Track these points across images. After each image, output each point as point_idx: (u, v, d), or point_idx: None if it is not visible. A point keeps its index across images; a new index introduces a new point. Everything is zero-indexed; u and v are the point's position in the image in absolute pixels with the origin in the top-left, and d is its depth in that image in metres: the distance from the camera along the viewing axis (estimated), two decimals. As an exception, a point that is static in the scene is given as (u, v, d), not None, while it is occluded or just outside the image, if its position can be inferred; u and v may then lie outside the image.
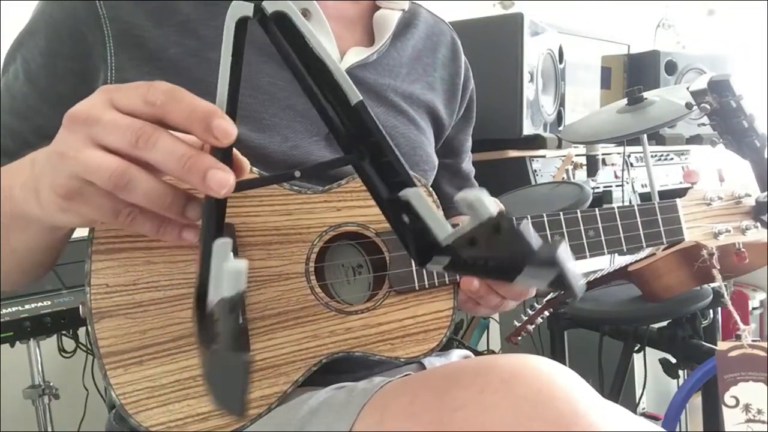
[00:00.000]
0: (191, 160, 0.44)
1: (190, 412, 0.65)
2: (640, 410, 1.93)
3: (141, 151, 0.45)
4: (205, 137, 0.44)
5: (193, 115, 0.44)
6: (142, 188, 0.46)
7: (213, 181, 0.43)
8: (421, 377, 0.62)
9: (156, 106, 0.45)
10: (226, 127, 0.44)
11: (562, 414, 0.51)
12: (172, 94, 0.45)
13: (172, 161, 0.44)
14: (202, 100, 0.44)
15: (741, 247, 0.84)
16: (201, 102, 0.44)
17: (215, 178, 0.43)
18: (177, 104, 0.44)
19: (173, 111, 0.44)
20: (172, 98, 0.45)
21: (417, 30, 0.91)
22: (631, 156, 2.02)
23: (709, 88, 1.02)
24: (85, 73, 0.70)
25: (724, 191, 0.82)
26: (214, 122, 0.43)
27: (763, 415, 1.02)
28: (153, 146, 0.44)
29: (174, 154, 0.44)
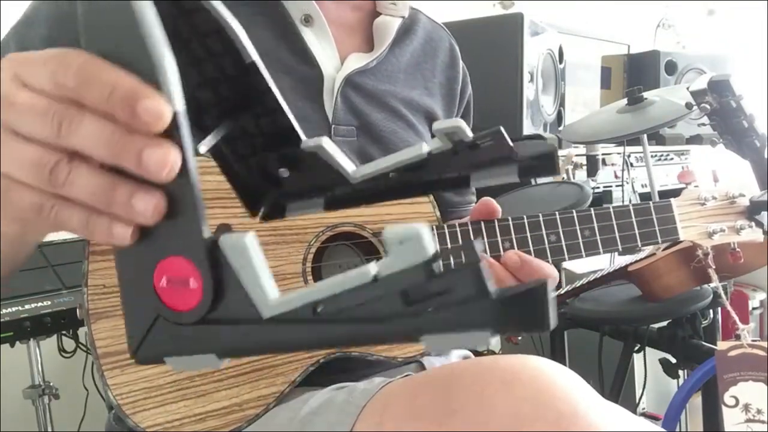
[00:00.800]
0: (121, 141, 0.35)
1: (187, 413, 0.65)
2: (640, 410, 1.92)
3: (64, 139, 0.36)
4: (133, 123, 0.35)
5: (113, 98, 0.35)
6: (81, 183, 0.37)
7: (151, 163, 0.35)
8: (422, 378, 0.62)
9: (68, 88, 0.36)
10: (156, 107, 0.34)
11: (562, 414, 0.51)
12: (84, 73, 0.36)
13: (100, 146, 0.36)
14: (123, 76, 0.35)
15: (736, 246, 0.84)
16: (121, 79, 0.35)
17: (152, 158, 0.34)
18: (91, 87, 0.35)
19: (88, 95, 0.36)
20: (84, 80, 0.36)
21: (416, 36, 0.91)
22: (631, 156, 2.02)
23: (709, 88, 1.02)
24: None
25: (718, 191, 0.82)
26: (140, 104, 0.34)
27: (763, 415, 1.02)
28: (76, 132, 0.36)
29: (101, 138, 0.36)
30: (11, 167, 0.38)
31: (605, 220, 0.75)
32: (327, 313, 0.34)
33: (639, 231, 0.76)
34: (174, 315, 0.36)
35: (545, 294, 0.33)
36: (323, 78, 0.81)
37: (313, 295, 0.34)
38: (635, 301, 1.42)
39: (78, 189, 0.37)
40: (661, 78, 2.23)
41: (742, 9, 3.03)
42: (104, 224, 0.37)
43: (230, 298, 0.35)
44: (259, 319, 0.35)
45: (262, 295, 0.35)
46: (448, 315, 0.32)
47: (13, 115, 0.37)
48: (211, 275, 0.35)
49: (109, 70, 0.35)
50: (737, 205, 0.82)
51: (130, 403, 0.64)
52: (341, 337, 0.35)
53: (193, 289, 0.35)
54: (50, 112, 0.37)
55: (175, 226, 0.36)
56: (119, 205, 0.36)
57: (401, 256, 0.33)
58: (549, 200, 1.32)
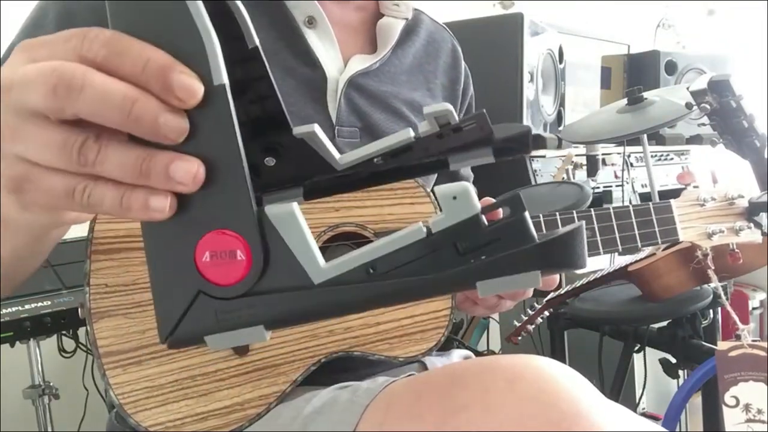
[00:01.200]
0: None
1: (189, 412, 0.65)
2: (640, 410, 1.92)
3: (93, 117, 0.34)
4: (165, 96, 0.34)
5: (148, 69, 0.33)
6: (113, 159, 0.35)
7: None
8: (425, 378, 0.62)
9: (96, 62, 0.34)
10: (190, 82, 0.33)
11: (564, 414, 0.51)
12: (116, 44, 0.34)
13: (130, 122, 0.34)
14: (154, 49, 0.34)
15: (735, 247, 0.84)
16: (154, 52, 0.34)
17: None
18: (124, 58, 0.34)
19: (120, 66, 0.34)
20: (115, 51, 0.34)
21: (418, 37, 0.92)
22: (631, 156, 2.02)
23: (709, 88, 1.02)
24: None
25: (717, 192, 0.83)
26: (173, 77, 0.33)
27: (763, 415, 1.02)
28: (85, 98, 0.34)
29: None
30: (35, 153, 0.36)
31: (605, 220, 0.75)
32: (381, 271, 0.36)
33: (639, 232, 0.76)
34: (220, 290, 0.35)
35: (582, 236, 0.36)
36: (326, 80, 0.81)
37: (367, 256, 0.36)
38: (635, 301, 1.42)
39: (110, 165, 0.35)
40: (661, 78, 2.23)
41: (742, 9, 3.03)
42: (140, 198, 0.35)
43: (278, 267, 0.35)
44: (310, 284, 0.36)
45: (312, 261, 0.35)
46: (501, 261, 0.35)
47: (31, 95, 0.35)
48: (261, 246, 0.35)
49: (140, 43, 0.34)
50: (736, 206, 0.82)
51: (131, 402, 0.64)
52: (398, 292, 0.36)
53: (240, 261, 0.35)
54: (63, 86, 0.34)
55: (219, 198, 0.35)
56: (156, 176, 0.34)
57: (454, 211, 0.35)
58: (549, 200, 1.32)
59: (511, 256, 0.35)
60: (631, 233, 0.76)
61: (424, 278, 0.36)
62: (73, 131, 0.35)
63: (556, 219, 0.74)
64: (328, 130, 0.80)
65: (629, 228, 0.76)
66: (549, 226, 0.74)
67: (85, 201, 0.36)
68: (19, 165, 0.37)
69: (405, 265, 0.36)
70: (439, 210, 0.36)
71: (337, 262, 0.36)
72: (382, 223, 0.73)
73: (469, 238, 0.36)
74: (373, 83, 0.84)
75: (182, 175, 0.34)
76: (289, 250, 0.35)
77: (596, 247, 0.75)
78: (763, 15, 2.84)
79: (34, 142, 0.36)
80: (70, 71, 0.34)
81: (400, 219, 0.74)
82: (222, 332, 0.36)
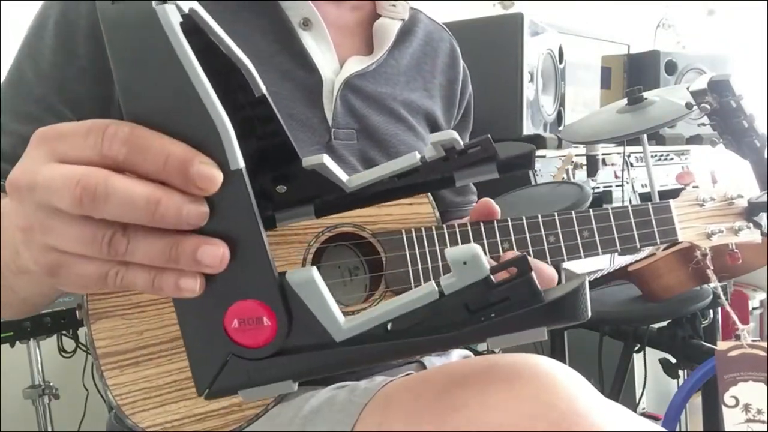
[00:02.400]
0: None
1: (187, 413, 0.65)
2: (640, 410, 1.93)
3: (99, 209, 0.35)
4: (186, 188, 0.35)
5: (169, 165, 0.35)
6: (142, 249, 0.37)
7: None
8: (423, 377, 0.62)
9: (118, 161, 0.35)
10: (209, 172, 0.35)
11: (564, 414, 0.51)
12: (135, 141, 0.35)
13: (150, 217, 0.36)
14: (172, 142, 0.35)
15: (734, 247, 0.84)
16: (173, 146, 0.35)
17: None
18: (145, 155, 0.35)
19: (142, 164, 0.35)
20: (136, 149, 0.35)
21: (416, 37, 0.91)
22: (631, 156, 2.02)
23: (709, 88, 1.02)
24: (99, 75, 0.70)
25: (716, 192, 0.83)
26: (194, 170, 0.35)
27: (763, 415, 1.02)
28: (120, 206, 0.35)
29: (148, 209, 0.35)
30: (66, 245, 0.37)
31: (604, 221, 0.75)
32: (397, 329, 0.39)
33: (638, 232, 0.76)
34: (250, 352, 0.38)
35: (586, 290, 0.41)
36: (322, 82, 0.80)
37: (384, 316, 0.39)
38: (635, 301, 1.42)
39: (140, 254, 0.36)
40: (661, 78, 2.23)
41: (742, 9, 3.03)
42: (171, 280, 0.37)
43: (302, 328, 0.39)
44: (332, 342, 0.39)
45: (333, 322, 0.39)
46: (510, 319, 0.39)
47: (57, 202, 0.36)
48: (285, 312, 0.38)
49: (159, 138, 0.35)
50: (735, 206, 0.82)
51: (129, 403, 0.64)
52: (413, 348, 0.40)
53: (267, 326, 0.38)
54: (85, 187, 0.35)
55: (243, 270, 0.37)
56: (185, 261, 0.36)
57: (464, 275, 0.39)
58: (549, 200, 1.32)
59: (520, 315, 0.39)
60: (630, 233, 0.76)
61: (438, 336, 0.39)
62: (100, 226, 0.36)
63: (554, 220, 0.74)
64: (325, 132, 0.80)
65: (628, 228, 0.76)
66: (547, 227, 0.74)
67: (119, 283, 0.38)
68: (51, 254, 0.38)
69: (419, 323, 0.39)
70: (449, 272, 0.39)
71: (356, 322, 0.39)
72: (380, 223, 0.73)
73: (479, 299, 0.39)
74: (369, 85, 0.84)
75: (209, 259, 0.36)
76: (311, 312, 0.39)
77: (595, 248, 0.74)
78: (763, 15, 2.84)
79: (63, 236, 0.37)
80: (93, 182, 0.35)
81: (398, 220, 0.74)
82: (254, 387, 0.39)
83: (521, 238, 0.73)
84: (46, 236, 0.38)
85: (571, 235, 0.74)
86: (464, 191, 1.01)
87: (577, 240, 0.74)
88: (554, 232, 0.73)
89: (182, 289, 0.37)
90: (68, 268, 0.38)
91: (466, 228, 0.73)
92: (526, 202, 1.37)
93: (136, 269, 0.38)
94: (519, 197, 1.42)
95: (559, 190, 1.37)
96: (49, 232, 0.37)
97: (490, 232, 0.73)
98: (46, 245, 0.38)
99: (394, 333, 0.39)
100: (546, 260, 0.73)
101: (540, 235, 0.73)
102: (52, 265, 0.39)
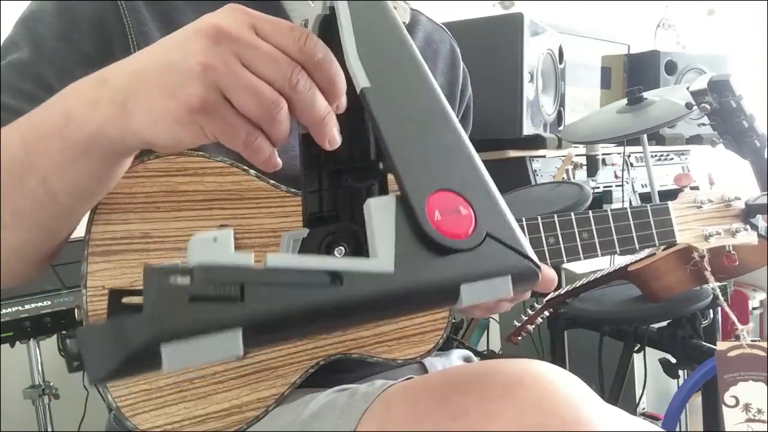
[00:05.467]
0: (327, 117, 0.47)
1: (187, 415, 0.65)
2: (640, 410, 1.92)
3: (293, 93, 0.45)
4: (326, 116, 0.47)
5: (333, 86, 0.47)
6: (283, 125, 0.46)
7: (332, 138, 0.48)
8: (423, 382, 0.62)
9: (311, 61, 0.46)
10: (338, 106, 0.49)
11: (565, 422, 0.51)
12: (328, 55, 0.46)
13: (313, 112, 0.46)
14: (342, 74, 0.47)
15: (731, 249, 0.84)
16: (342, 77, 0.47)
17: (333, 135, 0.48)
18: (328, 68, 0.46)
19: (324, 73, 0.46)
20: (327, 59, 0.46)
21: (416, 39, 0.91)
22: (631, 156, 2.02)
23: (709, 88, 1.02)
24: (102, 60, 0.70)
25: (714, 194, 0.83)
26: (330, 115, 0.47)
27: (763, 415, 1.02)
28: (305, 92, 0.46)
29: (317, 109, 0.46)
30: (252, 98, 0.45)
31: (603, 222, 0.75)
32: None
33: (636, 234, 0.76)
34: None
35: None
36: None
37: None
38: (635, 301, 1.42)
39: (284, 129, 0.47)
40: (661, 78, 2.23)
41: (742, 9, 3.03)
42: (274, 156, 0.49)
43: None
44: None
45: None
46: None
47: (253, 54, 0.45)
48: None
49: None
50: (733, 208, 0.83)
51: (129, 405, 0.64)
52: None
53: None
54: (290, 67, 0.45)
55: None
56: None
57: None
58: (549, 200, 1.32)
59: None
60: (629, 235, 0.76)
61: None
62: (282, 99, 0.46)
63: (553, 221, 0.74)
64: None
65: (627, 230, 0.76)
66: (547, 229, 0.74)
67: (251, 142, 0.47)
68: (215, 94, 0.45)
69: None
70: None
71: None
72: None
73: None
74: None
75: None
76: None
77: (594, 250, 0.75)
78: (763, 15, 2.84)
79: (240, 83, 0.45)
80: (296, 70, 0.46)
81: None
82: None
83: (521, 239, 0.73)
84: (225, 79, 0.45)
85: (570, 236, 0.74)
86: None
87: (576, 241, 0.74)
88: (554, 233, 0.73)
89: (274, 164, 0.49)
90: (221, 110, 0.46)
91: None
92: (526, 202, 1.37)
93: (264, 140, 0.47)
94: (519, 197, 1.42)
95: (559, 190, 1.38)
96: (230, 75, 0.44)
97: (490, 233, 0.72)
98: (216, 85, 0.45)
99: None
100: (546, 262, 0.73)
101: (539, 236, 0.73)
102: (209, 102, 0.45)
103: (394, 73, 0.45)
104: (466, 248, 0.40)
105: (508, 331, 1.46)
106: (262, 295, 0.36)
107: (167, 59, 0.47)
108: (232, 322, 0.35)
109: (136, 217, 0.64)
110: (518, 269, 0.41)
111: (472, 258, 0.40)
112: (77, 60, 0.69)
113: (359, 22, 0.45)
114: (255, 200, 0.68)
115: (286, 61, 0.45)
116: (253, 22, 0.46)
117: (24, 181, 0.55)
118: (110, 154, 0.53)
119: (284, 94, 0.46)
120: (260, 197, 0.69)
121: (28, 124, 0.56)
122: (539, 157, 1.79)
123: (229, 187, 0.67)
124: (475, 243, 0.40)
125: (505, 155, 1.74)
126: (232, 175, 0.67)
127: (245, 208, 0.68)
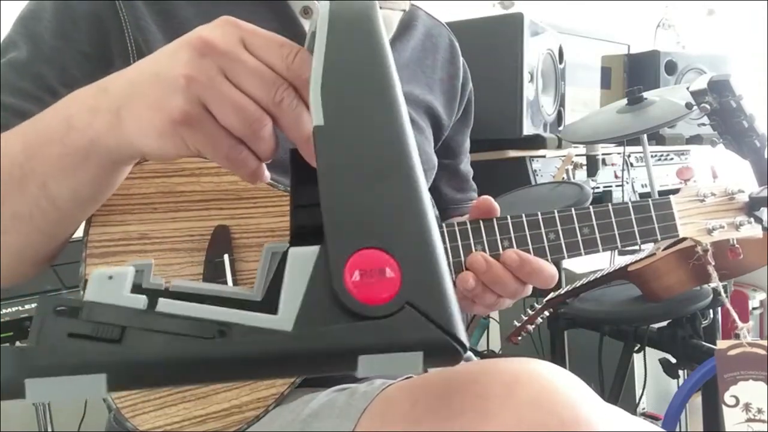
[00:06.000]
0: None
1: (187, 415, 0.65)
2: (640, 410, 1.92)
3: (278, 111, 0.45)
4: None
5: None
6: (267, 142, 0.46)
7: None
8: (422, 381, 0.62)
9: (299, 78, 0.45)
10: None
11: (564, 421, 0.51)
12: (305, 64, 0.45)
13: (299, 130, 0.45)
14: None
15: (735, 242, 0.83)
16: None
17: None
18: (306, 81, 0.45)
19: (303, 88, 0.45)
20: (304, 70, 0.45)
21: (416, 32, 0.91)
22: (631, 156, 2.02)
23: (709, 88, 1.02)
24: (100, 58, 0.70)
25: (717, 188, 0.82)
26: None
27: (763, 415, 1.02)
28: (290, 110, 0.45)
29: (303, 127, 0.45)
30: (234, 113, 0.45)
31: (604, 217, 0.74)
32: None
33: (638, 228, 0.76)
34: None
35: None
36: None
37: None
38: (635, 301, 1.42)
39: (268, 146, 0.47)
40: (661, 78, 2.23)
41: (742, 9, 3.03)
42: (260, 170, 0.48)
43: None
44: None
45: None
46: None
47: (238, 69, 0.45)
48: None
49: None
50: (736, 201, 0.82)
51: (129, 406, 0.64)
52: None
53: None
54: (275, 84, 0.45)
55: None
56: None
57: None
58: (549, 200, 1.32)
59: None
60: (631, 230, 0.75)
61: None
62: (266, 115, 0.46)
63: (554, 217, 0.73)
64: None
65: (628, 224, 0.75)
66: (547, 224, 0.73)
67: (235, 156, 0.46)
68: (198, 107, 0.45)
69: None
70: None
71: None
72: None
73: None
74: None
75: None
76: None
77: (595, 245, 0.74)
78: (763, 15, 2.84)
79: (223, 98, 0.45)
80: (282, 88, 0.46)
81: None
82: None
83: (521, 236, 0.72)
84: (207, 92, 0.44)
85: (571, 232, 0.73)
86: (464, 188, 1.01)
87: (577, 237, 0.73)
88: (554, 229, 0.73)
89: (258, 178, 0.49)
90: (202, 125, 0.45)
91: (466, 226, 0.73)
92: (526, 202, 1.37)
93: (249, 155, 0.46)
94: (519, 197, 1.41)
95: (559, 190, 1.37)
96: (213, 89, 0.44)
97: (489, 230, 0.72)
98: (199, 98, 0.45)
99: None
100: (546, 258, 0.72)
101: (540, 232, 0.73)
102: (190, 115, 0.45)
103: (356, 113, 0.41)
104: (377, 315, 0.36)
105: (508, 331, 1.47)
106: (139, 341, 0.35)
107: (156, 69, 0.47)
108: (98, 367, 0.34)
109: (133, 219, 0.64)
110: (433, 346, 0.36)
111: (381, 327, 0.36)
112: (76, 58, 0.70)
113: (333, 49, 0.41)
114: (252, 200, 0.68)
115: (272, 78, 0.45)
116: (243, 35, 0.45)
117: (24, 186, 0.55)
118: (108, 162, 0.53)
119: (269, 111, 0.45)
120: (257, 197, 0.69)
121: (30, 129, 0.56)
122: (539, 157, 1.79)
123: (226, 187, 0.67)
124: (390, 311, 0.36)
125: (505, 155, 1.74)
126: (229, 175, 0.67)
127: (243, 207, 0.68)
